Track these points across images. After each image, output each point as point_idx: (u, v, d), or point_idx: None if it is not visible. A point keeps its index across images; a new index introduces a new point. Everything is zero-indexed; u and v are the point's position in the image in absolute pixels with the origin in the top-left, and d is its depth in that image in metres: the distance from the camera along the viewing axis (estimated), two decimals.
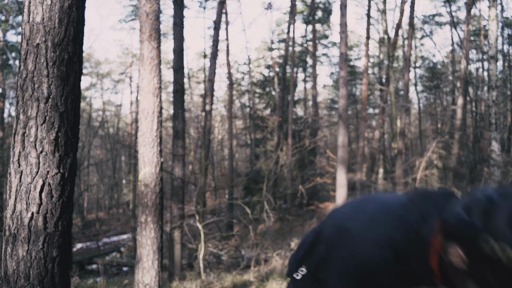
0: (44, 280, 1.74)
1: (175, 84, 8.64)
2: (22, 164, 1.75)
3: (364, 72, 16.89)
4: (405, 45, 18.18)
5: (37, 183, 1.74)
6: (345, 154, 9.80)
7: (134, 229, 15.85)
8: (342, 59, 9.81)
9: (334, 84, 27.95)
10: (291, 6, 17.28)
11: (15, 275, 1.73)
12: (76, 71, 1.87)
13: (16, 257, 1.73)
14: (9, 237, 1.76)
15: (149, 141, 4.15)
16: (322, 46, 26.85)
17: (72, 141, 1.87)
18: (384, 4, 16.98)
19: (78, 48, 1.88)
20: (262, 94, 21.43)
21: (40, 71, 1.76)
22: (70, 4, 1.83)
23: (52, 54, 1.77)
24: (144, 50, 4.29)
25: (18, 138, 1.77)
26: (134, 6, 22.80)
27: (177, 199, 8.41)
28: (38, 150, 1.75)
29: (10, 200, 1.77)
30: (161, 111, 4.34)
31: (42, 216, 1.75)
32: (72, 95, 1.85)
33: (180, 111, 8.60)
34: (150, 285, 4.10)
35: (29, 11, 1.79)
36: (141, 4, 4.38)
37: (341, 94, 9.65)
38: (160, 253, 4.20)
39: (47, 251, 1.75)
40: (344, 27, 9.69)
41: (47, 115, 1.76)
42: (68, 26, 1.82)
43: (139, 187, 4.21)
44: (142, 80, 4.29)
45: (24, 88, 1.77)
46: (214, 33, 12.12)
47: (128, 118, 30.56)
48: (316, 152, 20.14)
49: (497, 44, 9.00)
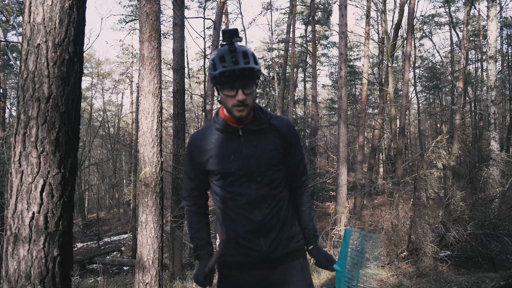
0: (45, 279, 1.75)
1: (175, 84, 8.65)
2: (23, 164, 1.76)
3: (364, 72, 16.89)
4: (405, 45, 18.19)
5: (38, 183, 1.75)
6: (345, 154, 9.81)
7: (134, 229, 15.86)
8: (342, 59, 9.82)
9: (334, 84, 27.94)
10: (291, 7, 17.28)
11: (16, 275, 1.73)
12: (77, 71, 1.88)
13: (17, 257, 1.74)
14: (10, 237, 1.76)
15: (149, 141, 4.16)
16: (322, 46, 26.86)
17: (72, 141, 1.88)
18: (384, 4, 16.99)
19: (78, 49, 1.89)
20: (262, 94, 21.44)
21: (41, 71, 1.77)
22: (71, 5, 1.83)
23: (52, 55, 1.78)
24: (144, 50, 4.30)
25: (19, 138, 1.77)
26: (134, 7, 22.81)
27: (177, 198, 8.42)
28: (39, 150, 1.75)
29: (11, 200, 1.77)
30: (161, 111, 4.35)
31: (43, 216, 1.76)
32: (73, 95, 1.86)
33: (180, 111, 8.61)
34: (150, 284, 4.11)
35: (30, 12, 1.80)
36: (141, 4, 4.39)
37: (341, 94, 9.66)
38: (160, 253, 4.21)
39: (48, 251, 1.76)
40: (343, 28, 9.70)
41: (48, 115, 1.77)
42: (69, 26, 1.83)
43: (140, 186, 4.22)
44: (142, 80, 4.30)
45: (25, 88, 1.78)
46: (214, 33, 12.12)
47: (129, 118, 30.58)
48: (316, 152, 20.14)
49: (496, 44, 9.01)
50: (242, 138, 1.71)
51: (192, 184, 1.83)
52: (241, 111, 1.62)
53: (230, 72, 1.56)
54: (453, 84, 20.50)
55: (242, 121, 1.69)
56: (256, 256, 1.72)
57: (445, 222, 6.85)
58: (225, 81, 1.59)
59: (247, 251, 1.72)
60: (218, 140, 1.73)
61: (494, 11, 9.05)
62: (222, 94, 1.63)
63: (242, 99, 1.59)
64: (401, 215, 7.22)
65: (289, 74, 19.97)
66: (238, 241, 1.72)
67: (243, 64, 1.56)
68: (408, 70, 14.77)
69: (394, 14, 20.29)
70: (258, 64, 1.62)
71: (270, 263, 1.74)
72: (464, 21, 16.04)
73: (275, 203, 1.74)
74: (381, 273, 6.21)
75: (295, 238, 1.80)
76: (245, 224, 1.70)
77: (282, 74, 18.41)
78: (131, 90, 27.92)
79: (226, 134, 1.72)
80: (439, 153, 7.38)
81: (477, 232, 6.27)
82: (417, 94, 25.00)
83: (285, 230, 1.76)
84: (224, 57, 1.58)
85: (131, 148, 18.36)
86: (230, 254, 1.75)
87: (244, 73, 1.57)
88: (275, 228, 1.73)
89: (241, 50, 1.58)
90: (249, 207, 1.68)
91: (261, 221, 1.69)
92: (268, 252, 1.72)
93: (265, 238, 1.71)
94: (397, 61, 24.95)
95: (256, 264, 1.73)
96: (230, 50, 1.58)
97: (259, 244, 1.71)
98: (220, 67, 1.57)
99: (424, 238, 6.52)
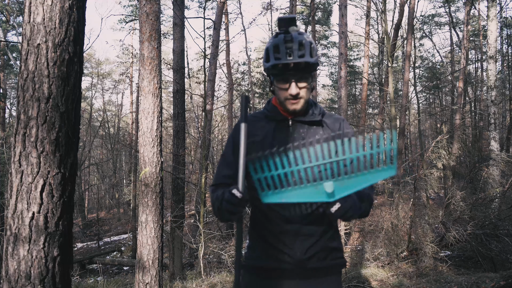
0: (45, 279, 1.75)
1: (175, 84, 8.65)
2: (23, 164, 1.76)
3: (364, 72, 16.90)
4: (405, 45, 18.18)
5: (38, 183, 1.75)
6: None
7: (134, 229, 15.86)
8: (342, 59, 9.82)
9: (334, 84, 27.94)
10: (291, 6, 17.27)
11: (16, 275, 1.73)
12: (77, 71, 1.88)
13: (17, 257, 1.74)
14: (10, 237, 1.76)
15: (149, 141, 4.16)
16: (322, 47, 26.84)
17: (72, 141, 1.88)
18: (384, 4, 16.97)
19: (78, 49, 1.89)
20: (262, 94, 21.43)
21: (41, 72, 1.77)
22: (71, 5, 1.83)
23: (52, 55, 1.78)
24: (144, 50, 4.30)
25: (19, 138, 1.77)
26: (134, 7, 22.81)
27: (177, 198, 8.42)
28: (39, 150, 1.75)
29: (11, 200, 1.77)
30: (161, 111, 4.35)
31: (43, 216, 1.76)
32: (73, 95, 1.86)
33: (180, 111, 8.60)
34: (150, 284, 4.11)
35: (30, 12, 1.80)
36: (141, 4, 4.39)
37: (341, 94, 9.66)
38: (160, 253, 4.21)
39: (48, 251, 1.76)
40: (343, 28, 9.70)
41: (48, 115, 1.77)
42: (69, 26, 1.83)
43: (140, 186, 4.22)
44: (142, 80, 4.30)
45: (25, 88, 1.78)
46: (214, 33, 12.13)
47: (129, 118, 30.58)
48: None
49: (496, 44, 9.01)
50: (291, 128, 1.59)
51: (228, 171, 1.61)
52: (294, 104, 1.52)
53: (284, 65, 1.46)
54: (453, 84, 20.50)
55: (295, 114, 1.58)
56: (288, 262, 1.52)
57: (445, 222, 6.85)
58: (278, 74, 1.49)
59: (279, 254, 1.53)
60: (265, 127, 1.60)
61: (494, 11, 9.05)
62: (275, 86, 1.53)
63: (296, 93, 1.49)
64: (401, 215, 7.22)
65: None
66: (271, 242, 1.55)
67: (298, 57, 1.44)
68: (408, 70, 14.77)
69: (394, 14, 20.28)
70: (314, 55, 1.48)
71: (302, 274, 1.54)
72: (464, 21, 16.05)
73: (318, 206, 1.54)
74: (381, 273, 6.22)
75: (335, 252, 1.60)
76: (281, 224, 1.53)
77: None
78: (131, 90, 27.92)
79: (275, 122, 1.60)
80: (439, 153, 7.38)
81: (477, 232, 6.27)
82: (417, 94, 24.97)
83: (326, 240, 1.57)
84: (279, 47, 1.45)
85: (131, 148, 18.37)
86: (259, 256, 1.58)
87: (299, 66, 1.46)
88: (315, 234, 1.54)
89: (297, 40, 1.45)
90: (290, 205, 1.51)
91: (300, 222, 1.51)
92: (302, 260, 1.53)
93: (302, 243, 1.51)
94: (397, 61, 24.95)
95: (287, 271, 1.53)
96: (285, 40, 1.45)
97: (294, 248, 1.52)
98: (273, 59, 1.46)
99: (424, 238, 6.53)
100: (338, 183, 1.35)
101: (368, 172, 1.34)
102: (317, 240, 1.54)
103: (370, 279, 5.87)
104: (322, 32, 25.41)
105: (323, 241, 1.56)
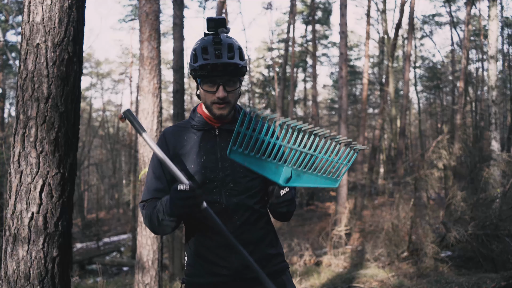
0: (44, 280, 1.74)
1: (175, 84, 8.64)
2: (22, 164, 1.75)
3: (364, 72, 16.90)
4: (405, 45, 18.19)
5: (37, 183, 1.74)
6: None
7: (134, 229, 15.85)
8: (342, 59, 9.82)
9: (334, 84, 27.95)
10: (291, 6, 17.28)
11: (15, 275, 1.73)
12: (76, 71, 1.87)
13: (16, 257, 1.73)
14: (9, 237, 1.75)
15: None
16: (322, 46, 26.85)
17: (72, 141, 1.87)
18: (384, 4, 17.00)
19: (78, 48, 1.88)
20: (262, 94, 21.43)
21: (40, 71, 1.76)
22: (70, 4, 1.82)
23: (52, 54, 1.77)
24: (144, 50, 4.29)
25: (18, 138, 1.76)
26: (134, 6, 22.81)
27: None
28: (38, 150, 1.74)
29: (10, 200, 1.76)
30: (161, 111, 4.34)
31: (42, 216, 1.75)
32: (72, 95, 1.85)
33: (180, 111, 8.60)
34: (150, 285, 4.10)
35: (29, 11, 1.79)
36: (141, 4, 4.38)
37: (341, 94, 9.65)
38: (160, 253, 4.20)
39: (47, 251, 1.75)
40: (344, 27, 9.70)
41: (47, 115, 1.76)
42: (68, 26, 1.82)
43: (139, 186, 4.21)
44: (142, 80, 4.29)
45: (24, 88, 1.77)
46: None
47: None
48: None
49: (497, 44, 9.00)
50: (218, 138, 1.55)
51: (158, 184, 1.55)
52: (221, 109, 1.48)
53: (212, 66, 1.41)
54: (454, 84, 20.49)
55: (221, 120, 1.55)
56: (226, 274, 1.49)
57: (445, 223, 6.84)
58: (206, 75, 1.44)
59: (217, 269, 1.50)
60: (191, 137, 1.56)
61: (495, 10, 9.04)
62: (202, 89, 1.49)
63: (223, 96, 1.44)
64: (402, 215, 7.21)
65: (289, 74, 19.96)
66: (207, 257, 1.51)
67: (227, 58, 1.41)
68: (408, 70, 14.78)
69: (395, 14, 20.31)
70: (244, 59, 1.47)
71: (243, 285, 1.51)
72: (465, 21, 16.04)
73: (249, 214, 1.51)
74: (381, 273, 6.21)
75: (274, 258, 1.57)
76: (214, 238, 1.49)
77: (282, 74, 18.41)
78: (131, 90, 27.90)
79: (201, 132, 1.56)
80: (440, 153, 7.37)
81: (478, 233, 6.26)
82: (417, 94, 25.01)
83: (263, 248, 1.54)
84: (207, 48, 1.43)
85: (131, 148, 18.36)
86: (198, 274, 1.53)
87: (228, 68, 1.42)
88: (250, 243, 1.51)
89: (226, 43, 1.43)
90: (220, 217, 1.44)
91: (232, 234, 1.43)
92: (240, 271, 1.49)
93: (238, 254, 1.45)
94: (397, 61, 24.94)
95: (227, 284, 1.50)
96: (214, 41, 1.42)
97: (230, 261, 1.48)
98: (201, 59, 1.42)
99: (425, 238, 6.52)
100: (296, 172, 1.43)
101: (319, 176, 1.44)
102: (254, 249, 1.52)
103: (371, 280, 5.86)
104: (322, 31, 25.42)
105: (260, 249, 1.54)
